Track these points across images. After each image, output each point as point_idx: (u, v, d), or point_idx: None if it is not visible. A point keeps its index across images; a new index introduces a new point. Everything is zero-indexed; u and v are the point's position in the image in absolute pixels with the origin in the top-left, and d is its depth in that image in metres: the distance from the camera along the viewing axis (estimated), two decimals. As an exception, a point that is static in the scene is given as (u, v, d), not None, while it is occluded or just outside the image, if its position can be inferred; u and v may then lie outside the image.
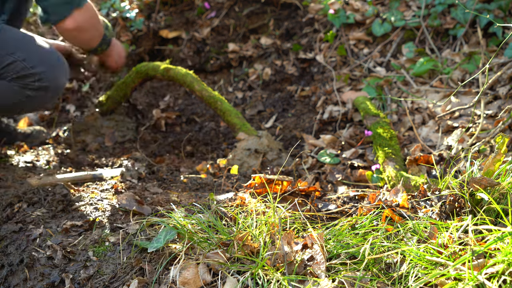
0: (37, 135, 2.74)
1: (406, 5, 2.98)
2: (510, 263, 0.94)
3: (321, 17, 3.12)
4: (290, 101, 2.92)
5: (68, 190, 1.80)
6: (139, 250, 1.35)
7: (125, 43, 3.34)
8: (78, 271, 1.37)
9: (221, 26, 3.33)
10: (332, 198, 1.60)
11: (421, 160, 1.97)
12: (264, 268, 1.13)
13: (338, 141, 2.43)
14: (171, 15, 3.47)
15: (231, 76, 3.26)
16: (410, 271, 1.07)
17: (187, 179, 2.11)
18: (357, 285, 1.06)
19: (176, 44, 3.42)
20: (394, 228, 1.28)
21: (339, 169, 2.23)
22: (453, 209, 1.33)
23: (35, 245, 1.50)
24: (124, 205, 1.63)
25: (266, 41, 3.19)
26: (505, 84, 2.30)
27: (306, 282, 1.10)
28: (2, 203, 1.74)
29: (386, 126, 2.25)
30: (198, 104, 3.10)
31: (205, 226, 1.31)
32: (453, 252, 1.07)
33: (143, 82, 2.84)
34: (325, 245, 1.21)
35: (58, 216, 1.66)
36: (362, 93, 2.64)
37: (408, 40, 2.85)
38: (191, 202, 1.67)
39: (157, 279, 1.22)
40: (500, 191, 1.28)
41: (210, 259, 1.19)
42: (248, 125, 2.51)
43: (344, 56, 2.94)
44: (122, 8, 3.41)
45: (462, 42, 2.70)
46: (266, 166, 2.31)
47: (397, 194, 1.48)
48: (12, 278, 1.46)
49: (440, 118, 2.30)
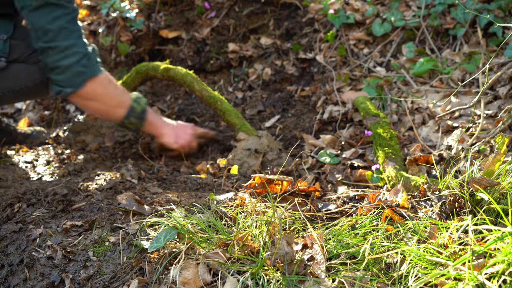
0: (37, 135, 2.74)
1: (406, 5, 2.98)
2: (510, 263, 0.93)
3: (321, 17, 3.12)
4: (290, 101, 2.92)
5: (68, 190, 1.80)
6: (139, 250, 1.35)
7: (125, 43, 3.34)
8: (78, 271, 1.37)
9: (221, 26, 3.33)
10: (332, 198, 1.60)
11: (421, 160, 1.97)
12: (264, 268, 1.13)
13: (338, 141, 2.43)
14: (171, 15, 3.47)
15: (231, 76, 3.26)
16: (410, 271, 1.07)
17: (187, 179, 2.11)
18: (357, 285, 1.06)
19: (176, 44, 3.42)
20: (394, 228, 1.28)
21: (339, 169, 2.23)
22: (453, 209, 1.33)
23: (35, 245, 1.50)
24: (124, 205, 1.63)
25: (266, 41, 3.19)
26: (505, 84, 2.30)
27: (306, 282, 1.10)
28: (2, 203, 1.74)
29: (386, 126, 2.25)
30: (198, 104, 3.10)
31: (205, 226, 1.31)
32: (453, 252, 1.07)
33: (143, 82, 2.84)
34: (325, 245, 1.21)
35: (58, 216, 1.66)
36: (362, 93, 2.64)
37: (408, 40, 2.85)
38: (191, 202, 1.67)
39: (157, 279, 1.22)
40: (500, 191, 1.28)
41: (210, 259, 1.19)
42: (248, 125, 2.51)
43: (344, 56, 2.94)
44: (122, 8, 3.40)
45: (462, 42, 2.70)
46: (266, 166, 2.31)
47: (397, 194, 1.48)
48: (12, 278, 1.46)
49: (440, 118, 2.30)
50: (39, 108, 3.31)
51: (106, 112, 2.30)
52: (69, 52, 2.04)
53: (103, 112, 2.30)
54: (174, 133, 2.46)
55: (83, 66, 2.09)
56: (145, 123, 2.36)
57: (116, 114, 2.29)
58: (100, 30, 3.43)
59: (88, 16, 3.69)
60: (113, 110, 2.28)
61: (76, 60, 2.05)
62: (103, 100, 2.22)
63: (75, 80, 2.10)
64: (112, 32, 3.43)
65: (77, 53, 2.05)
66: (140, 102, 2.34)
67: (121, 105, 2.28)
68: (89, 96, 2.16)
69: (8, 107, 3.42)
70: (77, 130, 2.74)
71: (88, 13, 3.71)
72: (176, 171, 2.37)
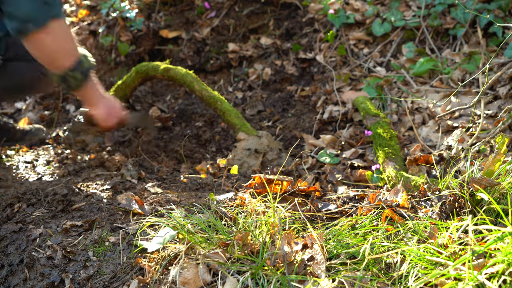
0: (36, 132, 2.74)
1: (406, 5, 2.98)
2: (510, 263, 0.93)
3: (321, 17, 3.12)
4: (290, 101, 2.92)
5: (68, 190, 1.80)
6: (139, 250, 1.35)
7: (125, 43, 3.34)
8: (78, 271, 1.37)
9: (221, 26, 3.33)
10: (332, 198, 1.60)
11: (421, 160, 1.97)
12: (264, 268, 1.13)
13: (338, 141, 2.43)
14: (171, 15, 3.47)
15: (231, 76, 3.26)
16: (410, 271, 1.07)
17: (187, 179, 2.11)
18: (357, 285, 1.06)
19: (176, 44, 3.42)
20: (394, 228, 1.28)
21: (339, 169, 2.23)
22: (453, 209, 1.33)
23: (35, 245, 1.50)
24: (124, 205, 1.63)
25: (266, 41, 3.19)
26: (505, 84, 2.30)
27: (306, 282, 1.10)
28: (2, 203, 1.74)
29: (386, 126, 2.25)
30: (198, 104, 3.10)
31: (205, 226, 1.31)
32: (453, 252, 1.07)
33: (143, 82, 2.84)
34: (325, 245, 1.21)
35: (58, 216, 1.66)
36: (362, 93, 2.64)
37: (408, 40, 2.85)
38: (191, 202, 1.67)
39: (157, 279, 1.22)
40: (500, 191, 1.28)
41: (210, 259, 1.19)
42: (248, 125, 2.51)
43: (344, 56, 2.94)
44: (122, 8, 3.40)
45: (462, 42, 2.70)
46: (266, 166, 2.31)
47: (397, 194, 1.48)
48: (12, 278, 1.46)
49: (440, 118, 2.30)
50: (39, 108, 3.31)
51: (55, 59, 2.05)
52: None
53: (51, 57, 2.05)
54: (107, 110, 2.27)
55: (44, 3, 1.91)
56: (86, 84, 2.13)
57: (64, 62, 2.05)
58: (100, 30, 3.43)
59: (88, 16, 3.69)
60: (62, 57, 2.05)
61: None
62: (59, 43, 2.01)
63: (40, 16, 1.91)
64: (112, 32, 3.43)
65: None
66: (87, 59, 2.16)
67: (72, 53, 2.07)
68: (47, 38, 1.95)
69: (8, 107, 3.42)
70: (77, 130, 2.74)
71: (88, 13, 3.71)
72: (176, 171, 2.37)
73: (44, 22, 1.91)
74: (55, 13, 1.94)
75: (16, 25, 1.92)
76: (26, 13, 1.89)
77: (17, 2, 1.89)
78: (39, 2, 1.90)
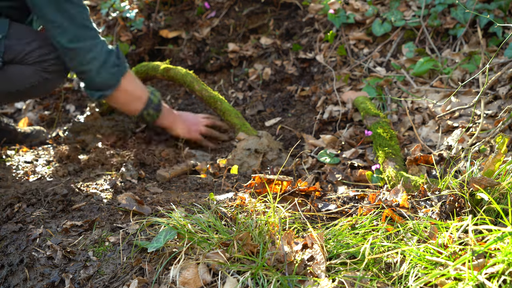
0: (37, 134, 2.74)
1: (406, 5, 2.98)
2: (510, 263, 0.94)
3: (321, 17, 3.12)
4: (290, 101, 2.92)
5: (68, 190, 1.80)
6: (139, 250, 1.35)
7: (125, 43, 3.34)
8: (78, 271, 1.37)
9: (221, 26, 3.33)
10: (332, 198, 1.60)
11: (421, 160, 1.97)
12: (264, 268, 1.13)
13: (338, 141, 2.43)
14: (171, 15, 3.47)
15: (231, 76, 3.26)
16: (410, 271, 1.07)
17: (187, 179, 2.11)
18: (357, 285, 1.06)
19: (176, 44, 3.42)
20: (394, 228, 1.28)
21: (339, 169, 2.23)
22: (453, 209, 1.33)
23: (35, 245, 1.50)
24: (124, 205, 1.63)
25: (266, 41, 3.19)
26: (505, 84, 2.30)
27: (306, 282, 1.10)
28: (2, 203, 1.74)
29: (386, 126, 2.25)
30: (198, 104, 3.10)
31: (205, 226, 1.31)
32: (453, 252, 1.07)
33: (143, 82, 2.84)
34: (325, 245, 1.21)
35: (58, 216, 1.66)
36: (362, 93, 2.64)
37: (408, 40, 2.84)
38: (191, 202, 1.67)
39: (157, 279, 1.22)
40: (500, 191, 1.29)
41: (210, 259, 1.19)
42: (248, 125, 2.51)
43: (344, 56, 2.94)
44: (122, 8, 3.40)
45: (462, 42, 2.70)
46: (266, 166, 2.31)
47: (397, 194, 1.48)
48: (12, 278, 1.46)
49: (440, 118, 2.30)
50: (39, 108, 3.32)
51: (128, 105, 2.37)
52: (95, 53, 2.12)
53: (126, 105, 2.37)
54: (186, 126, 2.55)
55: (115, 65, 2.18)
56: (161, 115, 2.45)
57: (136, 106, 2.37)
58: (100, 30, 3.43)
59: (88, 16, 3.68)
60: (135, 102, 2.37)
61: (104, 59, 2.14)
62: (130, 93, 2.32)
63: (114, 80, 2.20)
64: (112, 32, 3.43)
65: (104, 52, 2.14)
66: (155, 94, 2.45)
67: (142, 96, 2.37)
68: (122, 94, 2.26)
69: (8, 107, 3.43)
70: (77, 130, 2.74)
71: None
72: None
73: (117, 83, 2.22)
74: (124, 71, 2.24)
75: (97, 94, 2.24)
76: (103, 82, 2.20)
77: (96, 73, 2.17)
78: (111, 65, 2.18)
